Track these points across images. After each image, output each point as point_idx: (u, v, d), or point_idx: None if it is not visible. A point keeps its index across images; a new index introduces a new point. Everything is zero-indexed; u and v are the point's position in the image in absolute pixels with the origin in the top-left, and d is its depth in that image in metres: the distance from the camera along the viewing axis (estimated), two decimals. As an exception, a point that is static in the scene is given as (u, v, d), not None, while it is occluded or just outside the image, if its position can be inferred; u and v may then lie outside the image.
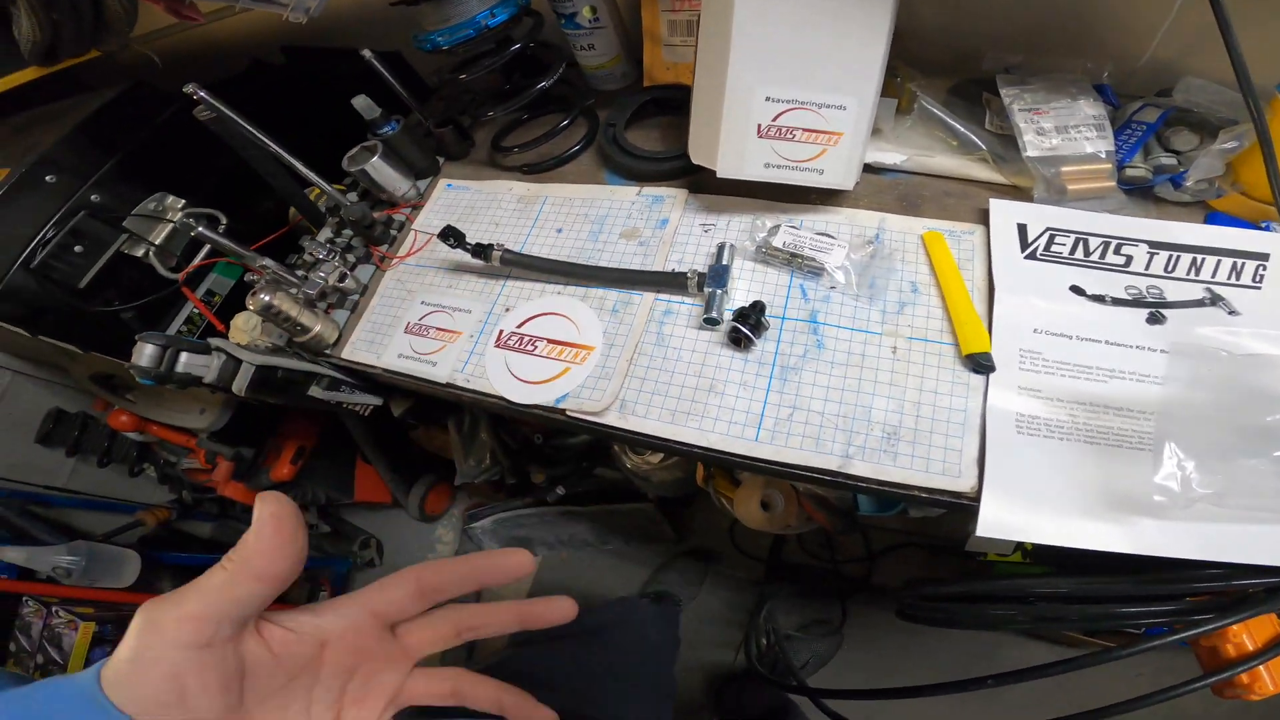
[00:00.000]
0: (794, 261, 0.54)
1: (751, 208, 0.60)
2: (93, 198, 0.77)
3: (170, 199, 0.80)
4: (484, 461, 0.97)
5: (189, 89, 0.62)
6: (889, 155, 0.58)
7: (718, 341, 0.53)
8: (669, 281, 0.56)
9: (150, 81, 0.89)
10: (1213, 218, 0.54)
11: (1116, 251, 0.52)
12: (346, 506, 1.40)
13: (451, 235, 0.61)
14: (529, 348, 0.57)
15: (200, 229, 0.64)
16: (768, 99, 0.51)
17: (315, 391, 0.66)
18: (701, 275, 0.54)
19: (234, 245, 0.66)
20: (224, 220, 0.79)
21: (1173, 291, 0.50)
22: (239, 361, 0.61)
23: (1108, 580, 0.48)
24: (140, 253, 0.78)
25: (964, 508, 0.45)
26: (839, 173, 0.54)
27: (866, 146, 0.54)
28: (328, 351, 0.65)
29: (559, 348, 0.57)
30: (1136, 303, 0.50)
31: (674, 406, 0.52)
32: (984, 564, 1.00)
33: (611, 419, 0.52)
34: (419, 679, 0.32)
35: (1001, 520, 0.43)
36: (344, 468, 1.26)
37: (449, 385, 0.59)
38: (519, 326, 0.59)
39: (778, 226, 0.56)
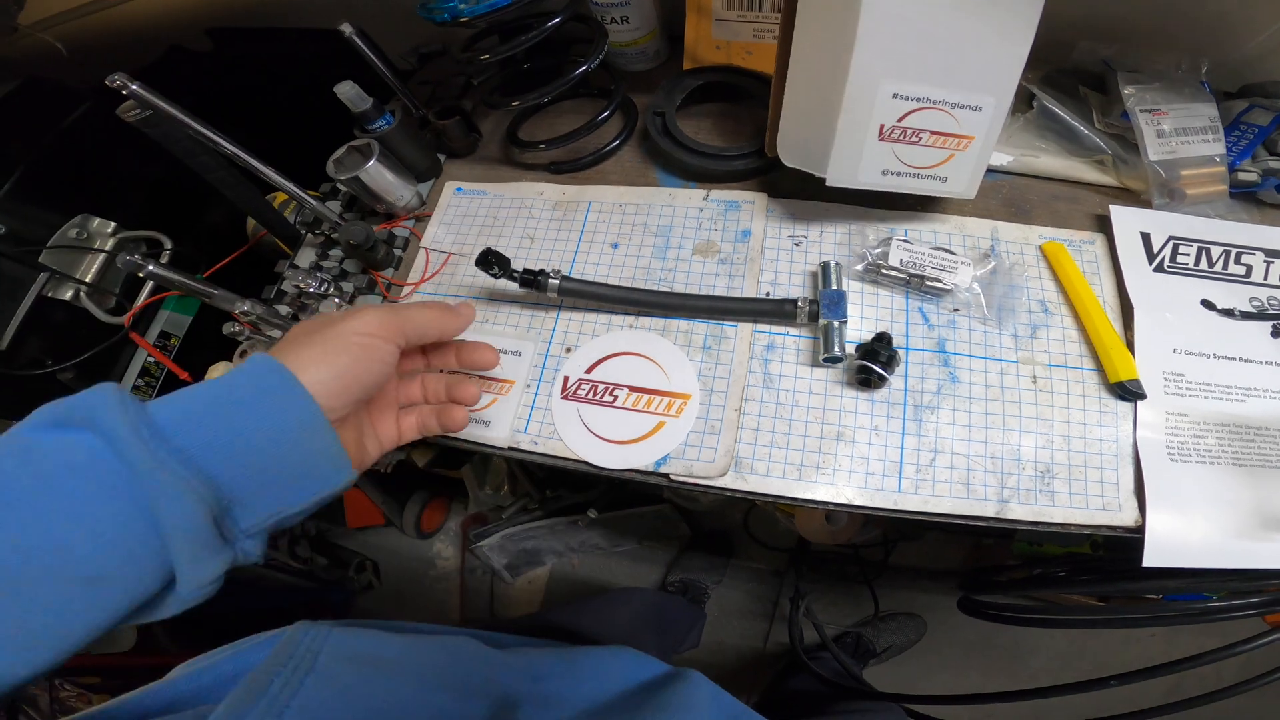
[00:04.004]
0: (912, 282, 0.48)
1: (844, 215, 0.53)
2: (-1, 229, 0.59)
3: (96, 222, 0.62)
4: (502, 488, 0.88)
5: (114, 80, 0.46)
6: (995, 156, 0.53)
7: (838, 380, 0.47)
8: (773, 312, 0.48)
9: (47, 76, 0.68)
10: (1310, 218, 0.52)
11: (1237, 261, 0.49)
12: (340, 532, 1.29)
13: (494, 262, 0.50)
14: (607, 398, 0.49)
15: (143, 263, 0.49)
16: (895, 96, 0.44)
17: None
18: (813, 303, 0.47)
19: (191, 281, 0.52)
20: (168, 244, 0.62)
21: (1292, 301, 0.48)
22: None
23: (1219, 580, 0.50)
24: (68, 295, 0.61)
25: (1128, 541, 0.43)
26: (963, 181, 0.47)
27: (992, 151, 0.47)
28: (343, 408, 0.53)
29: (646, 397, 0.48)
30: (1260, 315, 0.48)
31: (799, 461, 0.45)
32: (1002, 547, 1.03)
33: (728, 481, 0.45)
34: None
35: (1166, 550, 0.42)
36: (333, 495, 1.13)
37: (512, 449, 0.49)
38: (589, 372, 0.50)
39: (888, 240, 0.49)
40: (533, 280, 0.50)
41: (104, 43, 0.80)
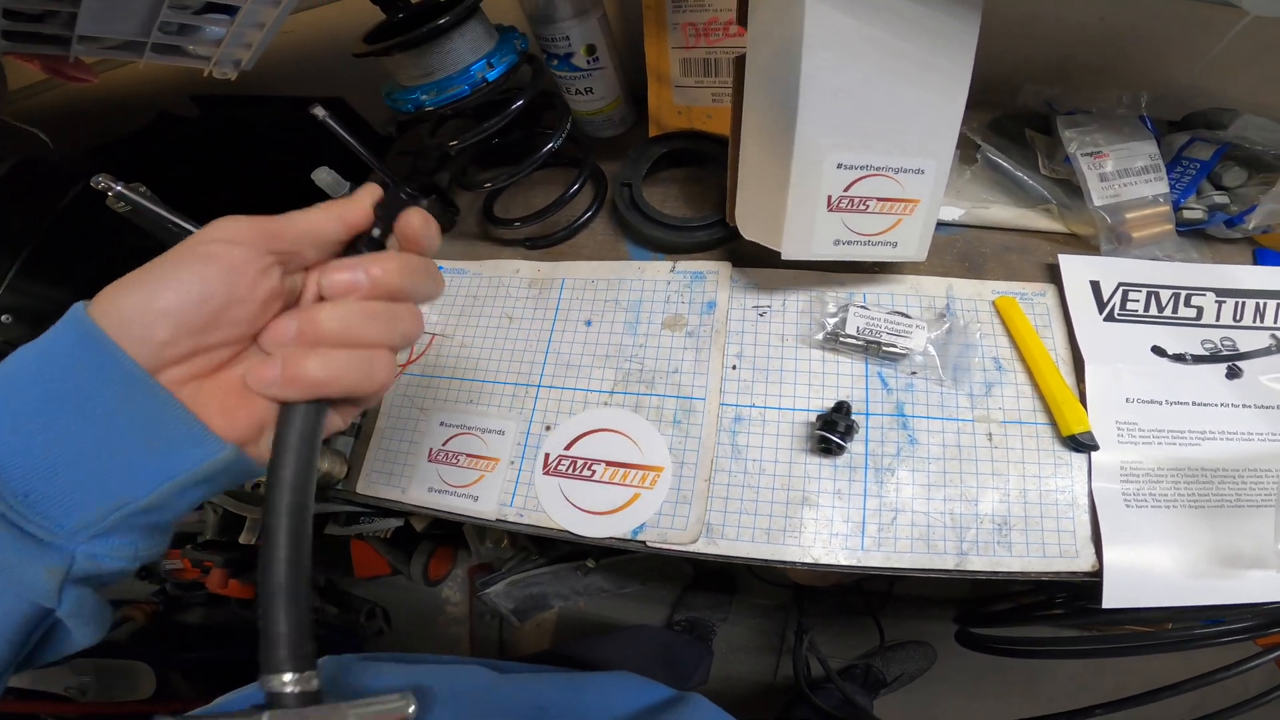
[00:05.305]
0: (870, 349, 0.50)
1: (806, 281, 0.55)
2: (3, 318, 0.62)
3: None
4: (502, 541, 0.90)
5: (99, 182, 0.50)
6: (947, 210, 0.55)
7: (802, 449, 0.49)
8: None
9: (39, 155, 0.72)
10: (1261, 255, 0.53)
11: (1187, 303, 0.51)
12: (349, 581, 1.33)
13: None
14: (586, 473, 0.51)
15: None
16: (840, 166, 0.46)
17: (333, 530, 0.57)
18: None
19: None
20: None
21: (1244, 341, 0.49)
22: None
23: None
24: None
25: (1087, 586, 0.44)
26: (913, 244, 0.49)
27: (939, 211, 0.50)
28: (339, 487, 0.56)
29: (622, 470, 0.50)
30: (1214, 358, 0.49)
31: (767, 525, 0.47)
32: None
33: (700, 547, 0.47)
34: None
35: (1125, 594, 0.43)
36: (340, 548, 1.16)
37: (499, 521, 0.51)
38: (568, 448, 0.52)
39: (845, 307, 0.51)
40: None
41: (94, 108, 0.84)
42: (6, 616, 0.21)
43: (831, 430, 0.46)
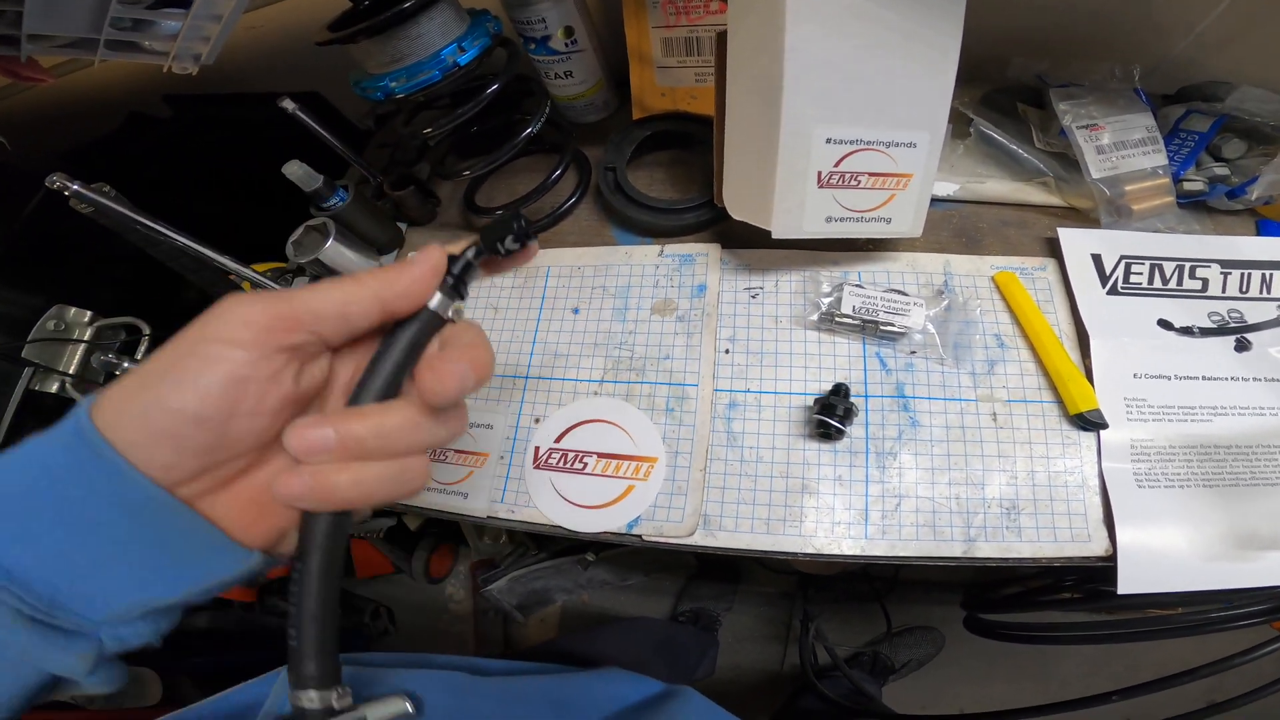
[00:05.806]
0: (866, 329, 0.48)
1: (798, 261, 0.53)
2: (-25, 325, 0.61)
3: (72, 312, 0.64)
4: (500, 537, 0.89)
5: (54, 181, 0.48)
6: (941, 186, 0.53)
7: (800, 434, 0.47)
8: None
9: (3, 161, 0.70)
10: (1265, 226, 0.52)
11: (1192, 275, 0.49)
12: (352, 581, 1.32)
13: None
14: (577, 466, 0.49)
15: (118, 361, 0.51)
16: (829, 141, 0.44)
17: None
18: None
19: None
20: (146, 330, 0.64)
21: (1252, 313, 0.48)
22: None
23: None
24: (54, 387, 0.63)
25: (1101, 571, 0.43)
26: (908, 219, 0.48)
27: (933, 186, 0.48)
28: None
29: (615, 462, 0.49)
30: (1221, 330, 0.48)
31: (765, 515, 0.46)
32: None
33: (698, 539, 0.46)
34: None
35: (1140, 577, 0.42)
36: (340, 548, 1.16)
37: (490, 518, 0.50)
38: (558, 441, 0.50)
39: (840, 286, 0.49)
40: None
41: (64, 112, 0.81)
42: (26, 687, 0.22)
43: (830, 414, 0.44)
